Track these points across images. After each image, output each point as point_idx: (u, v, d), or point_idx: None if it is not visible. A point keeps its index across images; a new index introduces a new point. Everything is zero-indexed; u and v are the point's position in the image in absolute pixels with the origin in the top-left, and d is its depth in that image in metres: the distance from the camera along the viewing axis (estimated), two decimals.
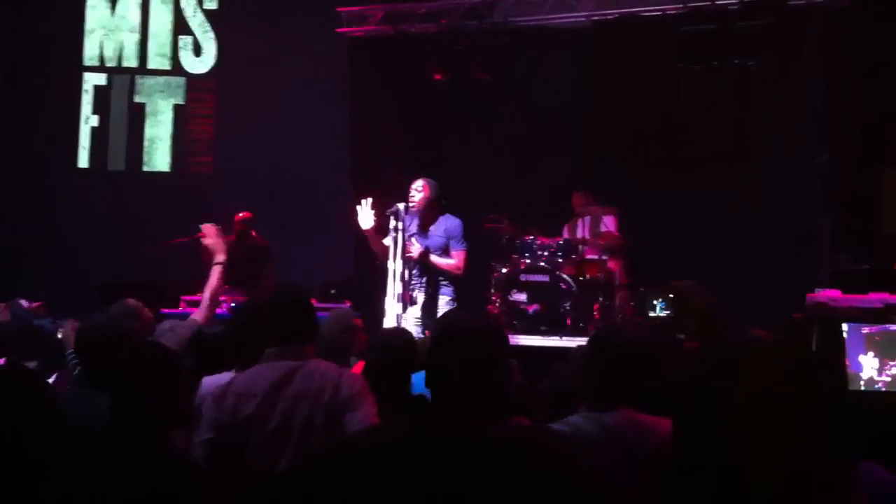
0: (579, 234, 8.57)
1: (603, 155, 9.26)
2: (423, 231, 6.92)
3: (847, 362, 3.84)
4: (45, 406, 2.03)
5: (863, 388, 3.64)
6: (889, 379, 3.79)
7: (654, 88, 9.11)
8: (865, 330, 3.76)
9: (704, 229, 8.86)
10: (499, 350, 2.15)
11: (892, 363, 3.74)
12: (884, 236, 8.18)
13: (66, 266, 9.77)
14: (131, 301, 4.48)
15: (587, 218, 8.63)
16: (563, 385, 3.70)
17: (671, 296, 7.18)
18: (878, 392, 3.75)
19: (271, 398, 3.21)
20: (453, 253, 6.86)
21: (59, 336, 4.32)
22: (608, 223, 8.47)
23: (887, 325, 3.77)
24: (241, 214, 8.56)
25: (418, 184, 6.90)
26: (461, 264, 6.90)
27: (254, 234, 8.60)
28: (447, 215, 6.97)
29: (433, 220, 6.93)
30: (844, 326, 3.87)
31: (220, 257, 4.78)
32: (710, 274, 6.66)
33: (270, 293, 3.73)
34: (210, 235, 4.88)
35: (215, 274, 4.69)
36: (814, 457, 1.86)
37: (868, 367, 3.92)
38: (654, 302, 7.94)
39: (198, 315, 4.47)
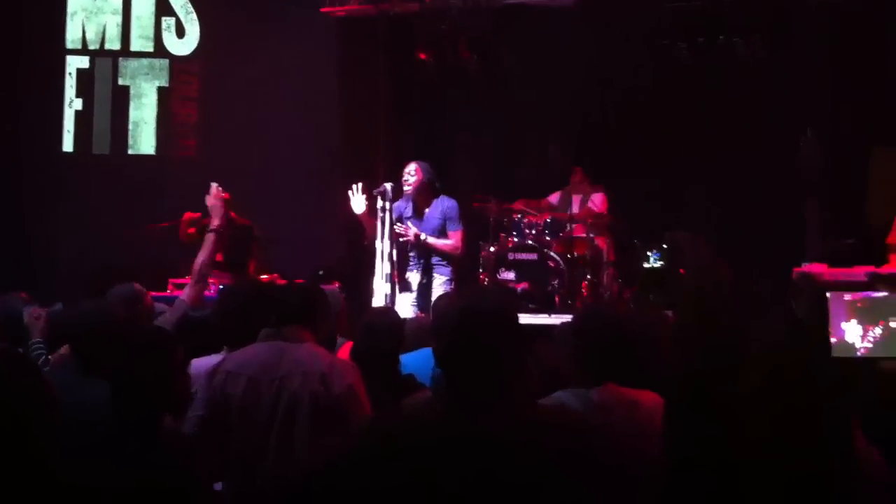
0: (573, 210, 8.60)
1: (592, 134, 9.27)
2: (418, 214, 6.95)
3: (831, 330, 3.88)
4: (42, 395, 2.02)
5: (845, 354, 3.69)
6: (871, 345, 3.84)
7: (642, 67, 9.10)
8: (847, 297, 3.79)
9: (692, 210, 8.89)
10: (500, 332, 2.06)
11: (873, 328, 3.78)
12: (872, 216, 8.23)
13: (51, 251, 9.73)
14: (134, 285, 4.44)
15: (580, 193, 8.68)
16: (549, 365, 3.72)
17: (665, 246, 7.22)
18: (860, 359, 3.80)
19: (259, 378, 3.23)
20: (450, 233, 6.91)
21: (25, 322, 4.23)
22: (596, 201, 8.50)
23: (869, 293, 3.80)
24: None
25: (411, 168, 6.93)
26: (459, 244, 6.96)
27: (233, 215, 8.55)
28: (442, 197, 7.01)
29: (428, 203, 6.97)
30: (828, 294, 3.91)
31: (215, 222, 4.58)
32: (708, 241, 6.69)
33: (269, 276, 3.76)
34: (214, 195, 4.67)
35: (207, 243, 4.49)
36: (813, 452, 1.86)
37: (851, 333, 3.95)
38: (648, 253, 7.98)
39: (185, 294, 4.41)
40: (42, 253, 9.70)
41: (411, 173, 6.91)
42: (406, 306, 6.55)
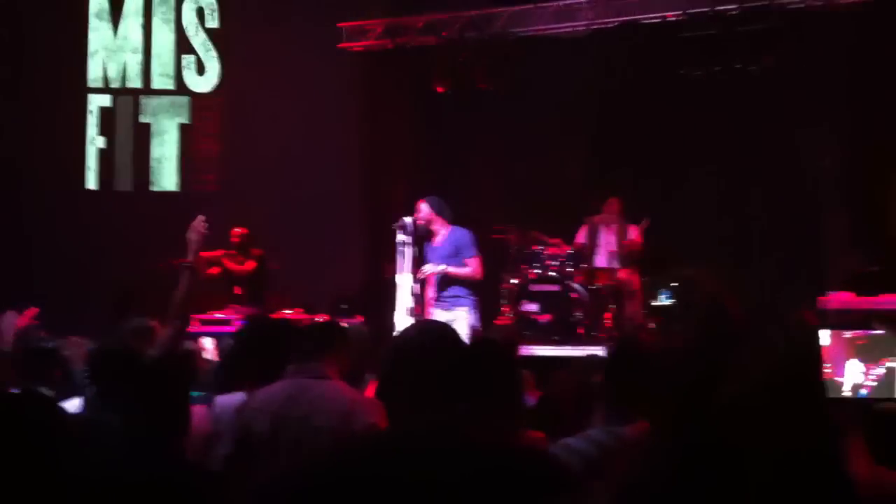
0: (602, 240, 8.57)
1: (608, 161, 9.27)
2: (433, 247, 6.94)
3: (830, 369, 3.83)
4: (55, 431, 2.02)
5: (848, 394, 3.62)
6: (874, 384, 3.77)
7: (656, 95, 9.10)
8: (847, 335, 3.73)
9: (713, 233, 8.85)
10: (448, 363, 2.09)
11: (874, 368, 3.72)
12: (895, 236, 8.15)
13: (76, 287, 9.77)
14: (143, 319, 4.46)
15: (613, 225, 8.63)
16: (563, 397, 3.69)
17: (675, 284, 7.18)
18: (863, 399, 3.74)
19: (283, 416, 3.21)
20: (466, 261, 6.87)
21: (66, 355, 4.23)
22: (634, 234, 8.52)
23: (868, 331, 3.75)
24: (237, 230, 8.55)
25: (418, 207, 6.95)
26: (478, 269, 6.94)
27: (252, 250, 8.61)
28: (453, 227, 6.98)
29: (440, 235, 6.95)
30: (826, 332, 3.86)
31: (189, 257, 4.28)
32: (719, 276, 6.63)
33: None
34: (195, 229, 4.41)
35: (183, 279, 4.17)
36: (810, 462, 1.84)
37: (852, 372, 3.89)
38: (659, 292, 7.92)
39: (162, 336, 4.11)
40: (66, 289, 9.74)
41: (418, 210, 6.94)
42: None
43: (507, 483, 1.58)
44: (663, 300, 7.85)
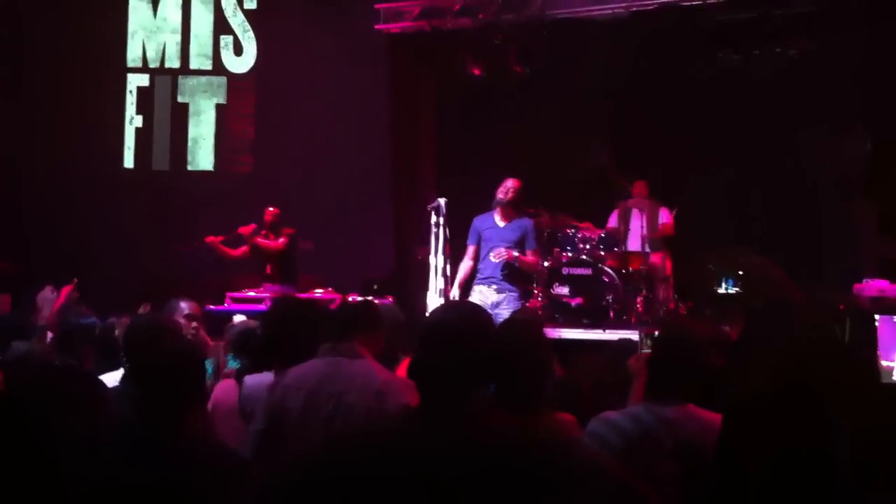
0: (634, 224, 8.56)
1: (644, 145, 9.22)
2: (497, 227, 6.98)
3: (880, 354, 3.79)
4: (94, 404, 2.07)
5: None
6: None
7: (693, 78, 9.03)
8: None
9: (747, 217, 8.79)
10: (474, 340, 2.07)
11: None
12: None
13: (113, 265, 9.92)
14: (182, 302, 4.57)
15: (644, 209, 8.61)
16: (603, 379, 3.70)
17: (741, 272, 7.13)
18: None
19: (316, 393, 3.25)
20: (529, 251, 6.97)
21: (117, 334, 4.34)
22: (664, 215, 8.50)
23: None
24: (271, 209, 8.62)
25: (511, 183, 7.00)
26: (539, 261, 7.08)
27: (284, 229, 8.68)
28: (523, 217, 7.08)
29: (511, 219, 7.01)
30: (877, 317, 3.81)
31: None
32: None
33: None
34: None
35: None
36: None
37: None
38: (723, 279, 7.86)
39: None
40: (103, 266, 9.89)
41: (511, 188, 6.99)
42: None
43: (506, 484, 1.61)
44: (728, 288, 7.80)
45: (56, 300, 6.14)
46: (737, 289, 7.37)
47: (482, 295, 6.76)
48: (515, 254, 6.84)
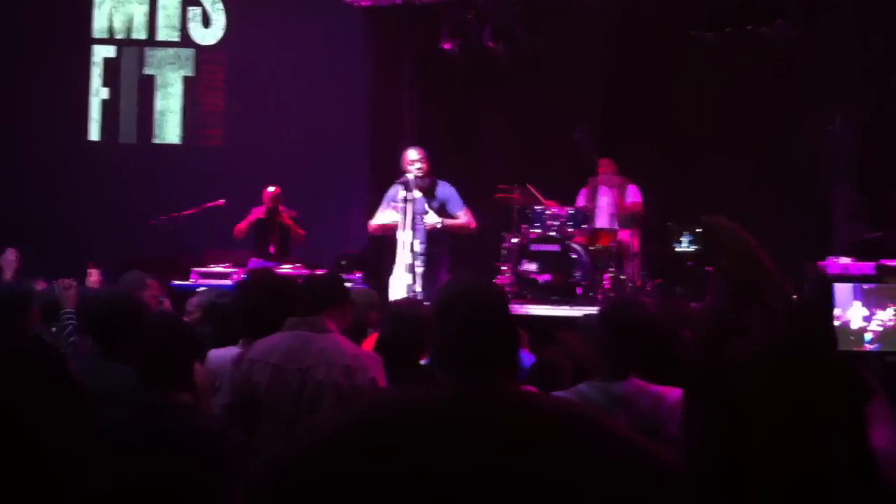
0: (603, 201, 8.58)
1: (621, 123, 9.24)
2: (427, 199, 6.86)
3: (836, 316, 3.85)
4: (66, 385, 2.04)
5: (852, 340, 3.68)
6: (880, 329, 3.83)
7: (669, 54, 9.05)
8: (858, 286, 3.79)
9: (722, 198, 8.84)
10: (508, 314, 2.00)
11: (878, 312, 3.77)
12: None
13: (77, 239, 9.81)
14: (139, 272, 4.60)
15: (613, 186, 8.63)
16: (575, 355, 3.71)
17: (700, 230, 7.15)
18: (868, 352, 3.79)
19: (284, 367, 3.24)
20: (459, 213, 6.77)
21: (56, 295, 4.36)
22: (633, 193, 8.53)
23: (878, 284, 3.83)
24: (271, 189, 8.58)
25: (418, 154, 6.80)
26: (472, 220, 6.84)
27: (282, 208, 8.71)
28: (441, 182, 6.89)
29: (431, 188, 6.86)
30: (835, 284, 3.90)
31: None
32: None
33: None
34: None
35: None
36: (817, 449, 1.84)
37: (856, 317, 3.95)
38: (682, 237, 7.88)
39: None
40: (68, 240, 9.78)
41: (421, 159, 6.78)
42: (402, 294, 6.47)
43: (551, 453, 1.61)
44: (686, 246, 7.80)
45: (15, 263, 6.17)
46: (696, 246, 7.39)
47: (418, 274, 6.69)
48: (438, 220, 6.67)
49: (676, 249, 7.84)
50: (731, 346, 2.01)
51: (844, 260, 6.48)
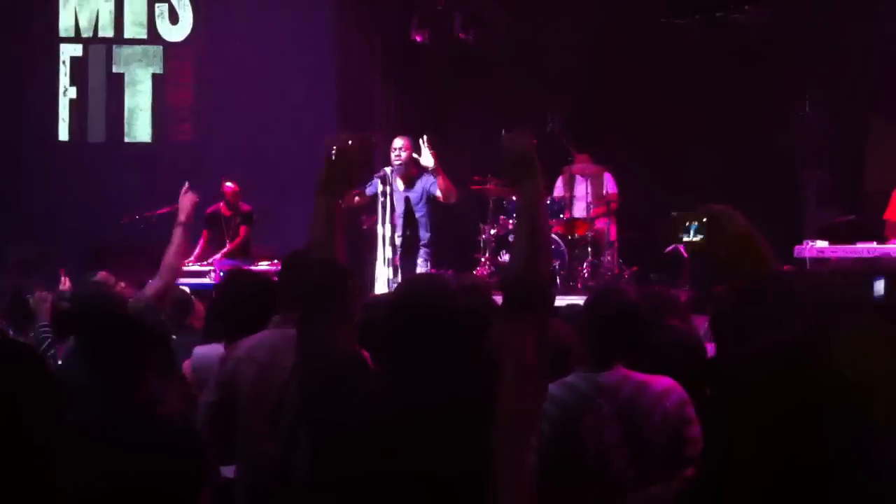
0: (579, 192, 8.60)
1: (595, 112, 9.26)
2: (408, 188, 6.86)
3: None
4: (46, 387, 2.01)
5: None
6: None
7: (642, 41, 9.07)
8: None
9: (694, 184, 8.88)
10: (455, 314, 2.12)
11: None
12: (871, 189, 8.22)
13: (48, 240, 9.69)
14: (104, 274, 4.55)
15: (589, 176, 8.64)
16: (561, 344, 3.70)
17: (705, 220, 7.18)
18: None
19: (268, 365, 3.21)
20: (439, 180, 6.75)
21: (31, 305, 4.24)
22: (609, 182, 8.55)
23: None
24: (230, 185, 8.56)
25: (401, 142, 6.82)
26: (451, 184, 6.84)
27: (243, 205, 8.70)
28: (425, 174, 6.90)
29: (412, 178, 6.86)
30: None
31: (182, 217, 4.17)
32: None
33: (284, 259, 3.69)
34: (189, 198, 4.33)
35: (177, 238, 4.10)
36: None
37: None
38: (688, 225, 7.89)
39: (149, 288, 4.05)
40: (39, 241, 9.65)
41: (403, 147, 6.80)
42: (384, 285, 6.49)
43: None
44: (692, 235, 7.83)
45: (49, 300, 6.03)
46: (700, 235, 7.42)
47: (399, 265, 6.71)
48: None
49: (685, 239, 7.88)
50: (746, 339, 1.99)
51: (821, 243, 6.53)
